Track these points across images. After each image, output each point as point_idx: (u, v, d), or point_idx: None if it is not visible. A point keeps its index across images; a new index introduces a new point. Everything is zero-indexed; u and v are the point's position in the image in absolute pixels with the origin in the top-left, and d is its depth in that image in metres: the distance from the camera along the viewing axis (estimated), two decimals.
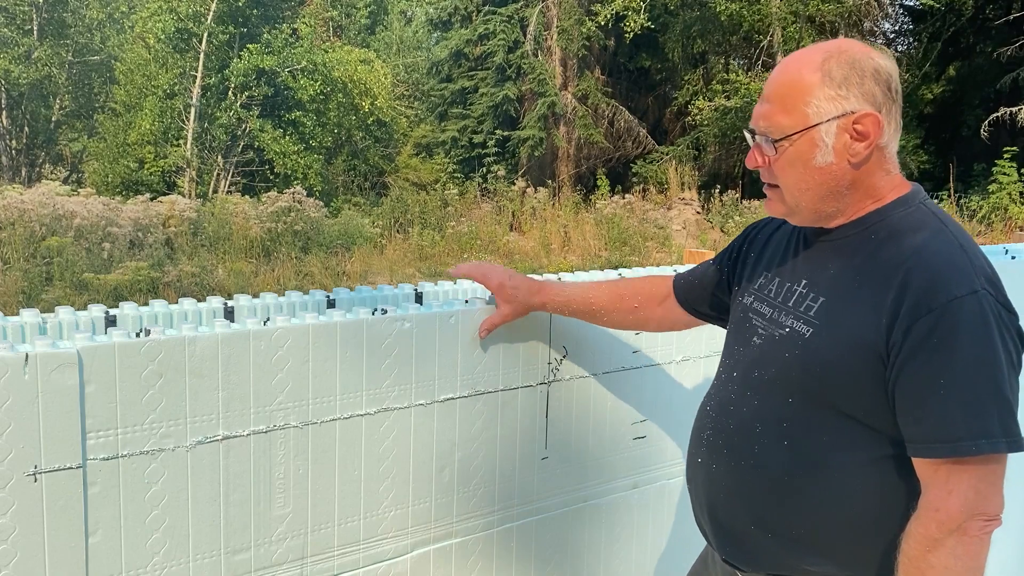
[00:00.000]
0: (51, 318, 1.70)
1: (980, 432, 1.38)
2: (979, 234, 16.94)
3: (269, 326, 1.70)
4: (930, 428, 1.41)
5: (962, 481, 1.40)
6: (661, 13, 21.98)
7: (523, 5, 22.22)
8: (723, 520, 1.65)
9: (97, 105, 24.09)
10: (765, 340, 1.61)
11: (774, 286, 1.66)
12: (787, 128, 1.51)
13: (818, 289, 1.55)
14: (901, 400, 1.44)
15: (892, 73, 1.53)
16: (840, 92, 1.48)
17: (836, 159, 1.50)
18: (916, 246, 1.47)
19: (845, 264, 1.54)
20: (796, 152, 1.51)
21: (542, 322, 2.10)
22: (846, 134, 1.49)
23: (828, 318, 1.51)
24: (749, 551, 1.62)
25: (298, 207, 14.59)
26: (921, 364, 1.40)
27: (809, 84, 1.49)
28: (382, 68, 25.26)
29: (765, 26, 21.43)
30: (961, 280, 1.41)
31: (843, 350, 1.47)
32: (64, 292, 10.49)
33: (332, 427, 1.80)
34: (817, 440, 1.51)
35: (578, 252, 15.71)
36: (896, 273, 1.45)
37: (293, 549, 1.79)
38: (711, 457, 1.66)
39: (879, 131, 1.49)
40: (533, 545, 2.17)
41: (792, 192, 1.55)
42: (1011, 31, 20.70)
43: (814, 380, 1.50)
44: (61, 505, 1.49)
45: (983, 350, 1.39)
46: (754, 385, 1.60)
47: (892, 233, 1.51)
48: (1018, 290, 3.10)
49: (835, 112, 1.48)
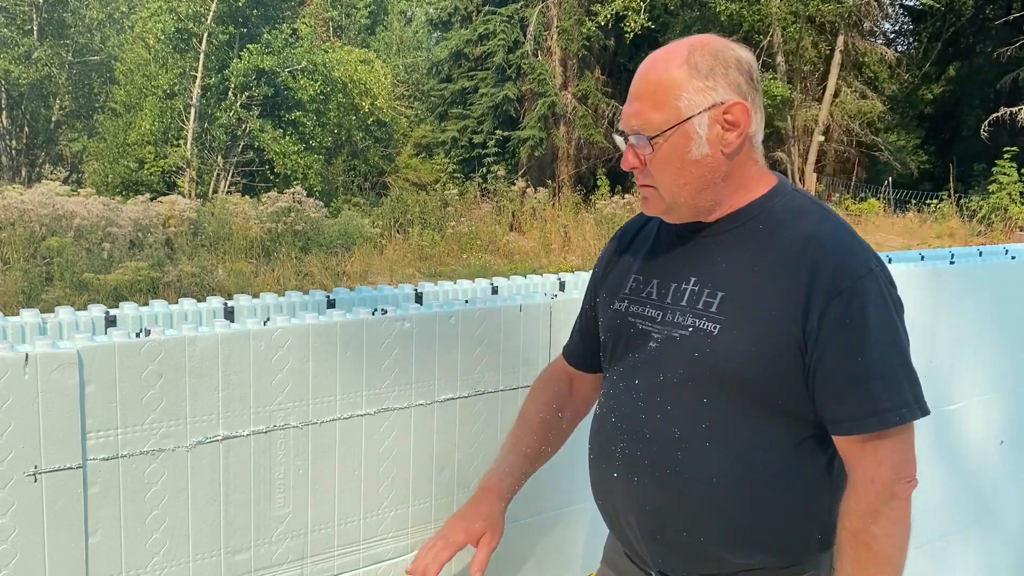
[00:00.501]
0: (51, 318, 1.70)
1: (900, 403, 1.45)
2: (979, 234, 16.93)
3: (269, 326, 1.70)
4: (855, 406, 1.45)
5: (889, 450, 1.47)
6: (661, 13, 21.99)
7: (523, 5, 22.22)
8: (654, 532, 1.61)
9: (97, 105, 24.11)
10: (663, 342, 1.57)
11: (653, 288, 1.62)
12: (661, 124, 1.50)
13: (712, 285, 1.54)
14: (822, 383, 1.47)
15: (752, 63, 1.55)
16: (708, 84, 1.49)
17: (711, 150, 1.51)
18: (810, 232, 1.50)
19: (736, 257, 1.53)
20: (672, 147, 1.51)
21: (542, 322, 2.10)
22: (717, 125, 1.50)
23: (734, 313, 1.50)
24: (683, 557, 1.60)
25: (298, 207, 14.60)
26: (840, 347, 1.44)
27: (677, 78, 1.49)
28: (382, 68, 25.28)
29: (765, 26, 21.43)
30: (859, 260, 1.47)
31: (756, 343, 1.47)
32: (64, 292, 10.50)
33: (332, 427, 1.80)
34: (739, 435, 1.51)
35: (578, 252, 15.72)
36: (799, 260, 1.47)
37: (293, 549, 1.79)
38: (629, 471, 1.60)
39: (748, 120, 1.51)
40: (533, 545, 2.17)
41: (670, 188, 1.54)
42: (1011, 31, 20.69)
43: (729, 376, 1.49)
44: (61, 505, 1.49)
45: (888, 324, 1.46)
46: (662, 390, 1.56)
47: (779, 222, 1.53)
48: (1018, 290, 3.11)
49: (706, 104, 1.49)
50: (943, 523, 3.06)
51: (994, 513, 3.23)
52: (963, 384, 3.00)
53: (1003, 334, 3.08)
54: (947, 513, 3.06)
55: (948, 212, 18.65)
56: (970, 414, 3.05)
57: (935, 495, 3.01)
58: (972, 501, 3.14)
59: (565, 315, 2.14)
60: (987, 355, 3.05)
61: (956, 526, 3.11)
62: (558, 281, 2.36)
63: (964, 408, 3.02)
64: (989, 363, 3.07)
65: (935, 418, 2.93)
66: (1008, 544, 3.33)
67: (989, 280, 3.01)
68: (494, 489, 1.80)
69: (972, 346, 2.99)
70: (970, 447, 3.08)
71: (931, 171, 24.22)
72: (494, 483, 1.81)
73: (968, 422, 3.05)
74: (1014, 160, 17.80)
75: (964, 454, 3.08)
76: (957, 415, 3.01)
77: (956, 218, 18.41)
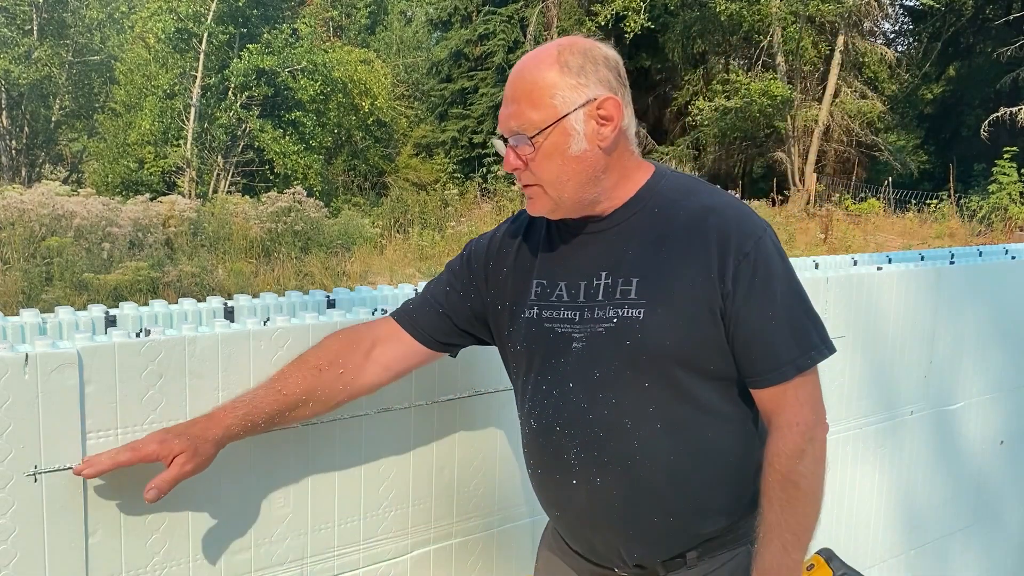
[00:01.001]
0: (51, 318, 1.70)
1: (809, 346, 1.57)
2: (979, 234, 16.93)
3: (269, 326, 1.70)
4: (773, 357, 1.55)
5: (805, 392, 1.58)
6: (661, 13, 21.99)
7: (523, 5, 22.23)
8: (628, 525, 1.61)
9: (97, 105, 24.11)
10: (588, 340, 1.59)
11: (562, 290, 1.63)
12: (539, 123, 1.54)
13: (625, 273, 1.58)
14: (743, 341, 1.55)
15: (619, 61, 1.61)
16: (580, 81, 1.54)
17: (588, 145, 1.56)
18: (706, 204, 1.59)
19: (642, 242, 1.59)
20: (552, 145, 1.55)
21: None
22: (592, 120, 1.55)
23: (654, 294, 1.55)
24: (660, 541, 1.62)
25: (298, 207, 14.60)
26: (753, 305, 1.54)
27: (551, 78, 1.54)
28: (382, 68, 25.29)
29: (765, 26, 21.44)
30: (754, 224, 1.58)
31: (684, 317, 1.54)
32: (64, 292, 10.50)
33: (332, 427, 1.80)
34: (686, 410, 1.57)
35: None
36: (704, 232, 1.56)
37: (293, 549, 1.79)
38: (590, 473, 1.60)
39: (620, 113, 1.56)
40: (533, 545, 2.17)
41: (554, 185, 1.58)
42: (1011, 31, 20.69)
43: (664, 354, 1.54)
44: (61, 505, 1.49)
45: (788, 276, 1.58)
46: (602, 385, 1.57)
47: (672, 201, 1.61)
48: (1018, 290, 3.11)
49: (580, 100, 1.54)
50: (944, 523, 3.06)
51: (994, 513, 3.23)
52: (963, 384, 3.00)
53: (1003, 334, 3.08)
54: (948, 513, 3.06)
55: (948, 212, 18.65)
56: (970, 414, 3.05)
57: (935, 495, 3.01)
58: (972, 501, 3.14)
59: None
60: (987, 355, 3.05)
61: (956, 526, 3.11)
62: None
63: (964, 408, 3.02)
64: (989, 363, 3.07)
65: (935, 418, 2.93)
66: (1008, 544, 3.33)
67: (989, 280, 3.01)
68: (220, 417, 1.57)
69: (972, 346, 2.99)
70: (970, 447, 3.08)
71: (931, 171, 24.23)
72: (225, 411, 1.58)
73: (968, 422, 3.05)
74: (1014, 160, 17.80)
75: (964, 454, 3.08)
76: (957, 415, 3.01)
77: (956, 218, 18.41)
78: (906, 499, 2.90)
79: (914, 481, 2.92)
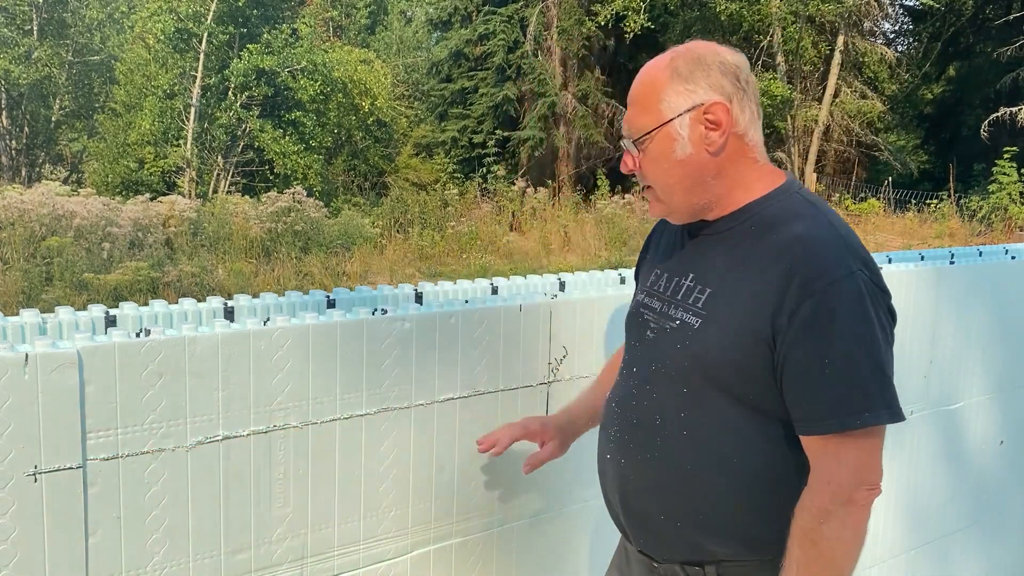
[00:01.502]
0: (51, 318, 1.70)
1: (864, 406, 1.46)
2: (979, 234, 16.94)
3: (269, 326, 1.70)
4: (818, 406, 1.48)
5: (850, 453, 1.48)
6: (661, 13, 21.98)
7: (523, 5, 22.22)
8: (635, 512, 1.69)
9: (97, 105, 24.10)
10: (657, 333, 1.66)
11: (663, 281, 1.70)
12: (645, 127, 1.60)
13: (705, 281, 1.61)
14: (789, 382, 1.50)
15: (740, 65, 1.61)
16: (688, 87, 1.57)
17: (694, 150, 1.58)
18: (796, 234, 1.53)
19: (728, 256, 1.60)
20: (658, 149, 1.60)
21: (542, 322, 2.10)
22: (700, 125, 1.57)
23: (715, 308, 1.57)
24: (662, 541, 1.66)
25: (298, 207, 14.59)
26: (806, 346, 1.47)
27: (660, 83, 1.59)
28: (382, 68, 25.29)
29: (765, 26, 21.44)
30: (839, 263, 1.49)
31: (731, 338, 1.53)
32: (64, 292, 10.49)
33: (332, 427, 1.80)
34: (714, 428, 1.57)
35: (578, 252, 15.72)
36: (779, 261, 1.51)
37: (293, 549, 1.79)
38: (619, 452, 1.69)
39: (730, 118, 1.57)
40: (533, 545, 2.17)
41: (663, 188, 1.63)
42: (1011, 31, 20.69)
43: (705, 369, 1.56)
44: (61, 505, 1.49)
45: (861, 328, 1.47)
46: (652, 378, 1.64)
47: (771, 223, 1.57)
48: (1018, 290, 3.11)
49: (686, 105, 1.57)
50: (944, 523, 3.06)
51: (995, 513, 3.23)
52: (963, 384, 3.00)
53: (1003, 334, 3.08)
54: (948, 513, 3.06)
55: (948, 212, 18.65)
56: (970, 414, 3.05)
57: (936, 495, 3.01)
58: (973, 501, 3.14)
59: (565, 315, 2.14)
60: (987, 355, 3.05)
61: (956, 526, 3.11)
62: (558, 281, 2.36)
63: (964, 408, 3.02)
64: (989, 363, 3.06)
65: (935, 418, 2.93)
66: (1009, 544, 3.33)
67: (989, 280, 3.01)
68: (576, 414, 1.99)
69: (972, 346, 2.99)
70: (970, 447, 3.08)
71: (931, 171, 24.22)
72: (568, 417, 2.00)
73: (968, 422, 3.05)
74: (1014, 160, 17.79)
75: (964, 454, 3.08)
76: (957, 415, 3.01)
77: (956, 218, 18.41)
78: (906, 499, 2.90)
79: (914, 481, 2.92)
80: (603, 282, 2.45)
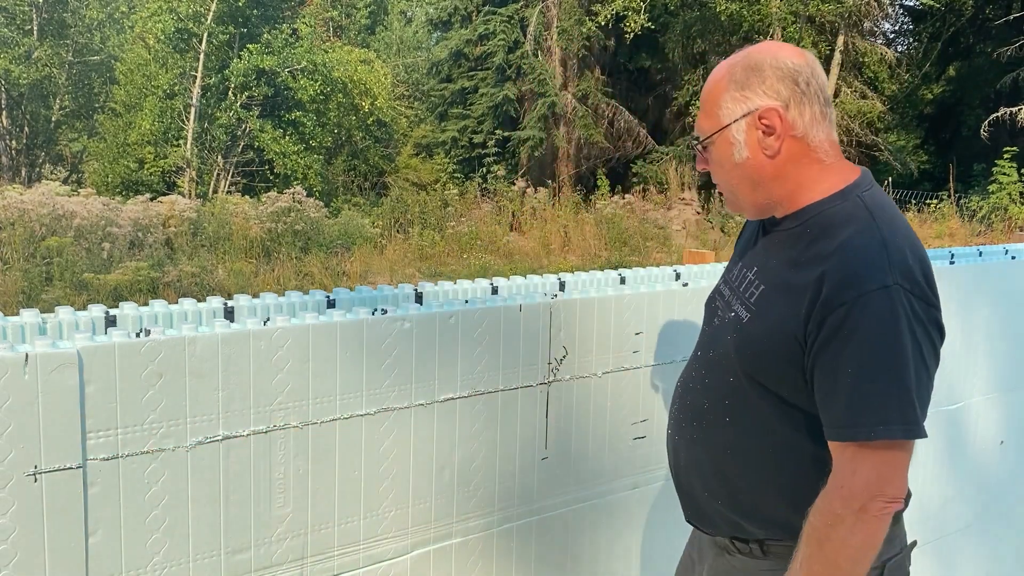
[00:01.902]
0: (51, 318, 1.70)
1: (879, 420, 1.47)
2: (979, 234, 16.93)
3: (269, 326, 1.70)
4: (837, 414, 1.51)
5: (865, 463, 1.49)
6: (661, 13, 21.97)
7: (523, 5, 22.21)
8: (684, 488, 1.80)
9: (97, 105, 24.09)
10: (719, 321, 1.75)
11: (736, 271, 1.78)
12: (707, 131, 1.68)
13: (762, 277, 1.67)
14: (816, 385, 1.55)
15: (800, 69, 1.62)
16: (743, 93, 1.62)
17: (751, 154, 1.63)
18: (841, 241, 1.55)
19: (783, 256, 1.65)
20: (719, 152, 1.67)
21: (542, 322, 2.10)
22: (756, 130, 1.62)
23: (762, 305, 1.63)
24: (706, 517, 1.77)
25: (298, 207, 14.58)
26: (831, 355, 1.50)
27: (719, 90, 1.66)
28: (382, 68, 25.27)
29: (765, 26, 21.42)
30: (872, 276, 1.49)
31: (769, 336, 1.59)
32: (64, 292, 10.49)
33: (332, 427, 1.80)
34: (754, 417, 1.64)
35: (578, 252, 15.71)
36: (818, 266, 1.54)
37: (293, 549, 1.79)
38: (676, 430, 1.81)
39: (785, 123, 1.60)
40: (533, 545, 2.17)
41: (727, 187, 1.71)
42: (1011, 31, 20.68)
43: (746, 362, 1.63)
44: (61, 505, 1.49)
45: (888, 342, 1.48)
46: (708, 364, 1.74)
47: (825, 227, 1.60)
48: (1018, 290, 3.11)
49: (741, 112, 1.62)
50: (944, 523, 3.06)
51: (995, 513, 3.23)
52: (964, 384, 3.00)
53: (1003, 334, 3.08)
54: (948, 513, 3.06)
55: (948, 212, 18.64)
56: (971, 414, 3.05)
57: (936, 495, 3.01)
58: (973, 501, 3.14)
59: (565, 315, 2.14)
60: (987, 355, 3.05)
61: (957, 526, 3.11)
62: (558, 281, 2.36)
63: (965, 408, 3.02)
64: (989, 363, 3.06)
65: (936, 418, 2.93)
66: (1009, 544, 3.33)
67: (989, 280, 3.01)
68: None
69: (972, 346, 2.99)
70: (971, 447, 3.08)
71: (931, 171, 24.21)
72: None
73: (969, 422, 3.05)
74: (1014, 160, 17.78)
75: (965, 454, 3.08)
76: (958, 415, 3.01)
77: (956, 218, 18.40)
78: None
79: (914, 481, 2.92)
80: (603, 282, 2.45)
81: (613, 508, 2.31)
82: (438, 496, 1.99)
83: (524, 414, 2.09)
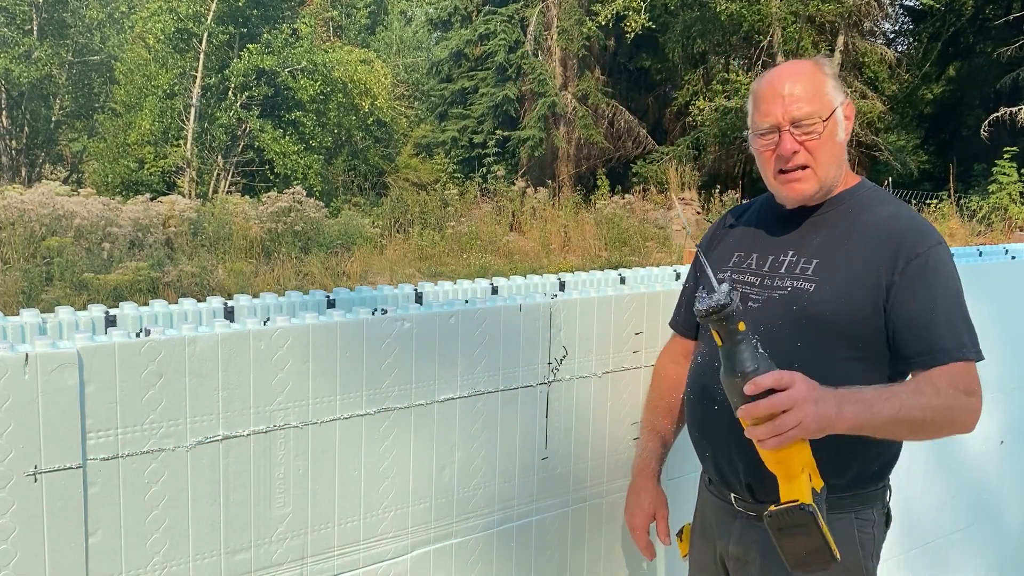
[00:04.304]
0: (51, 318, 1.70)
1: (960, 344, 1.81)
2: (979, 234, 16.92)
3: (269, 326, 1.70)
4: (927, 342, 1.80)
5: (960, 377, 1.79)
6: (661, 13, 21.97)
7: (523, 5, 22.22)
8: (749, 453, 1.81)
9: (97, 105, 24.08)
10: (764, 302, 1.94)
11: (752, 260, 2.01)
12: (824, 112, 1.90)
13: (808, 254, 1.93)
14: (901, 326, 1.82)
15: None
16: (836, 84, 1.95)
17: (844, 136, 1.95)
18: (890, 213, 1.93)
19: (829, 234, 1.94)
20: (829, 131, 1.91)
21: (542, 322, 2.10)
22: (844, 116, 1.94)
23: (827, 274, 1.89)
24: (768, 478, 1.78)
25: (298, 207, 14.59)
26: (919, 293, 1.81)
27: (820, 78, 1.94)
28: (382, 68, 25.25)
29: (765, 26, 21.42)
30: (932, 234, 1.89)
31: (844, 296, 1.85)
32: (64, 292, 10.49)
33: (332, 427, 1.80)
34: (824, 374, 1.73)
35: (578, 252, 15.72)
36: (886, 233, 1.88)
37: (293, 549, 1.79)
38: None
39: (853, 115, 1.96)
40: (533, 545, 2.17)
41: (825, 166, 1.92)
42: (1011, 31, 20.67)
43: (822, 323, 1.85)
44: (61, 505, 1.49)
45: (956, 284, 1.86)
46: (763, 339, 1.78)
47: (864, 207, 1.96)
48: (1018, 290, 3.11)
49: (840, 99, 1.94)
50: (943, 523, 3.06)
51: (995, 513, 3.23)
52: None
53: (1003, 334, 3.08)
54: (948, 513, 3.06)
55: (948, 212, 18.64)
56: None
57: (935, 495, 3.01)
58: (973, 501, 3.14)
59: (565, 315, 2.14)
60: (987, 355, 3.05)
61: (956, 526, 3.11)
62: (558, 281, 2.36)
63: None
64: (989, 363, 3.05)
65: None
66: (1009, 544, 3.33)
67: (989, 280, 3.01)
68: (646, 472, 2.20)
69: None
70: (970, 447, 3.08)
71: (931, 171, 24.20)
72: (644, 466, 2.20)
73: None
74: (1014, 160, 17.78)
75: (964, 454, 3.08)
76: None
77: (956, 218, 18.40)
78: (906, 499, 2.90)
79: (914, 481, 2.92)
80: (603, 282, 2.45)
81: (613, 508, 2.31)
82: (438, 496, 1.99)
83: (524, 414, 2.09)
